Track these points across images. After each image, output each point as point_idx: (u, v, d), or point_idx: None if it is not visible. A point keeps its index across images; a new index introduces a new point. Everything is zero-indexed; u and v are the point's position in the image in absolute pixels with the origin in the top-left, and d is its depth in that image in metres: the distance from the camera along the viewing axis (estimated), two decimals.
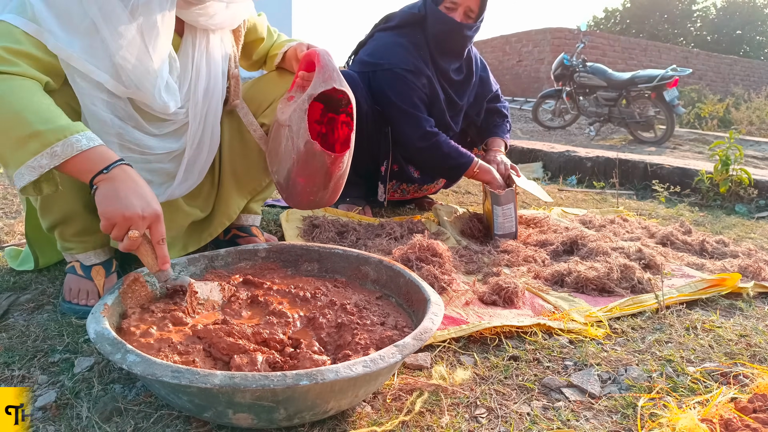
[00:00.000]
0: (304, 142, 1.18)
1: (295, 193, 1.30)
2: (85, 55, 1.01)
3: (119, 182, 0.90)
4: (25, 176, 0.89)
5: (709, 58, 14.33)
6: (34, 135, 0.87)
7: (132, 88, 1.06)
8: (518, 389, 0.94)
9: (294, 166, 1.23)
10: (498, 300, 1.28)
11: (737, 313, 1.33)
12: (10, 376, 0.91)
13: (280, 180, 1.30)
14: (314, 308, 1.03)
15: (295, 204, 1.35)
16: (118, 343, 0.75)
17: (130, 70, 1.04)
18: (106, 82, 1.04)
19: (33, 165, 0.88)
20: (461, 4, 1.80)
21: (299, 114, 1.19)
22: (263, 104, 1.40)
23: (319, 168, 1.22)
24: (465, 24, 1.83)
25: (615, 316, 1.25)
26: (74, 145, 0.89)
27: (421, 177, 2.11)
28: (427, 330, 0.85)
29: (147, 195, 0.92)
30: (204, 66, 1.23)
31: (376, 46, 1.93)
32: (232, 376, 0.68)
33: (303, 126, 1.18)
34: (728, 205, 2.76)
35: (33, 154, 0.88)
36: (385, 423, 0.81)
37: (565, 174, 3.62)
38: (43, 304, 1.19)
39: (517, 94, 11.47)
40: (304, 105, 1.18)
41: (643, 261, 1.55)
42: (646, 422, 0.85)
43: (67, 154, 0.88)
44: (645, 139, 6.34)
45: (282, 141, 1.24)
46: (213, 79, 1.26)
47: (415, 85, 1.83)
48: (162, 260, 0.94)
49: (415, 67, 1.84)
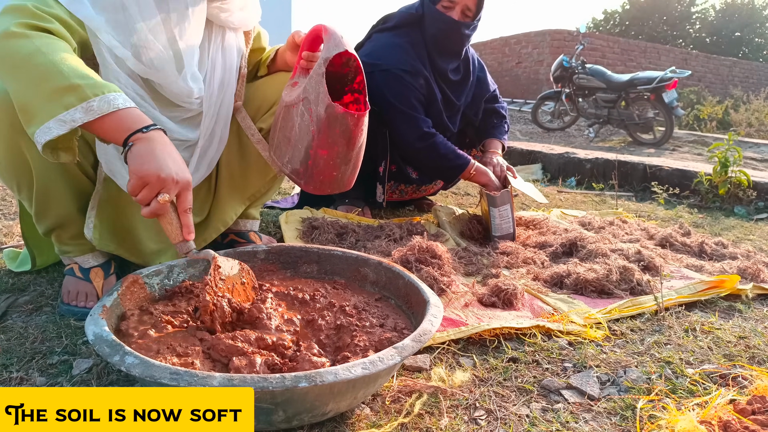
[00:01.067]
0: (325, 106, 1.14)
1: (316, 172, 1.25)
2: (110, 29, 1.02)
3: (157, 143, 0.88)
4: (53, 130, 0.85)
5: (708, 59, 14.35)
6: (72, 88, 0.86)
7: (152, 69, 1.07)
8: (517, 391, 0.94)
9: (314, 140, 1.19)
10: (497, 302, 1.28)
11: (736, 314, 1.33)
12: (9, 377, 0.91)
13: (296, 166, 1.25)
14: (313, 310, 1.02)
15: (316, 186, 1.30)
16: (117, 344, 0.75)
17: (155, 52, 1.06)
18: (127, 59, 1.04)
19: (65, 119, 0.85)
20: (459, 3, 1.80)
21: (316, 79, 1.15)
22: (262, 108, 1.39)
23: (341, 134, 1.19)
24: (462, 22, 1.83)
25: (614, 317, 1.25)
26: (112, 102, 0.88)
27: (419, 178, 2.11)
28: (426, 332, 0.85)
29: (181, 161, 0.91)
30: (219, 59, 1.25)
31: (374, 47, 1.94)
32: (230, 378, 0.68)
33: (322, 90, 1.14)
34: (727, 206, 2.76)
35: (67, 107, 0.85)
36: (384, 425, 0.81)
37: (564, 176, 3.62)
38: (42, 306, 1.19)
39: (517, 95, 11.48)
40: (320, 69, 1.14)
41: (642, 263, 1.55)
42: (645, 424, 0.85)
43: (104, 110, 0.87)
44: (644, 141, 6.34)
45: (295, 121, 1.21)
46: (228, 72, 1.27)
47: (412, 85, 1.84)
48: (187, 230, 0.92)
49: (413, 67, 1.84)
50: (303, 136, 1.20)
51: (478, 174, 1.85)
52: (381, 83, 1.83)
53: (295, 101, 1.20)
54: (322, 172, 1.24)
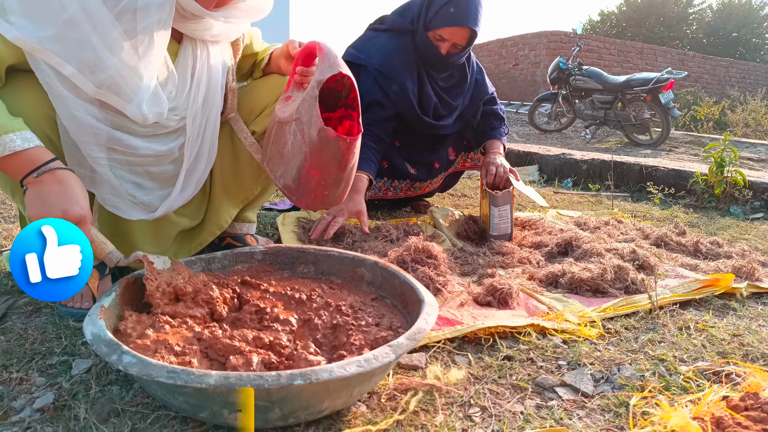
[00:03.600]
0: (318, 129, 1.16)
1: (308, 191, 1.26)
2: (56, 46, 0.97)
3: (45, 185, 0.90)
4: None
5: (705, 60, 14.40)
6: None
7: (104, 89, 1.02)
8: (512, 388, 0.95)
9: (306, 160, 1.20)
10: (493, 301, 1.29)
11: (730, 313, 1.34)
12: (9, 378, 0.91)
13: (288, 182, 1.26)
14: (310, 310, 1.03)
15: (308, 204, 1.32)
16: (115, 344, 0.76)
17: (111, 73, 1.01)
18: (73, 77, 0.99)
19: None
20: (449, 40, 1.82)
21: (309, 102, 1.16)
22: (254, 111, 1.38)
23: (333, 157, 1.20)
24: (450, 55, 1.86)
25: (608, 316, 1.26)
26: (7, 144, 0.89)
27: (416, 173, 2.11)
28: (421, 330, 0.86)
29: (73, 197, 0.91)
30: (204, 77, 1.22)
31: (363, 42, 1.97)
32: (227, 376, 0.69)
33: (315, 113, 1.15)
34: (723, 206, 2.78)
35: None
36: (379, 422, 0.82)
37: (560, 177, 3.63)
38: (41, 308, 1.20)
39: (514, 97, 11.51)
40: (313, 92, 1.15)
41: (637, 262, 1.56)
42: (638, 420, 0.86)
43: (1, 153, 0.88)
44: (641, 142, 6.37)
45: (288, 138, 1.21)
46: (212, 90, 1.24)
47: (380, 87, 1.84)
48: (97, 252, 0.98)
49: (391, 72, 1.85)
50: (296, 154, 1.21)
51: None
52: (357, 77, 1.84)
53: (288, 119, 1.20)
54: (314, 191, 1.26)
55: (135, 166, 1.16)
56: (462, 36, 1.81)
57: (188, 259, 1.14)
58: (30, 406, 0.84)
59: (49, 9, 0.96)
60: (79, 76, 1.00)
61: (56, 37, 0.96)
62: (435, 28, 1.80)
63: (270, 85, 1.39)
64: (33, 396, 0.87)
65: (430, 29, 1.82)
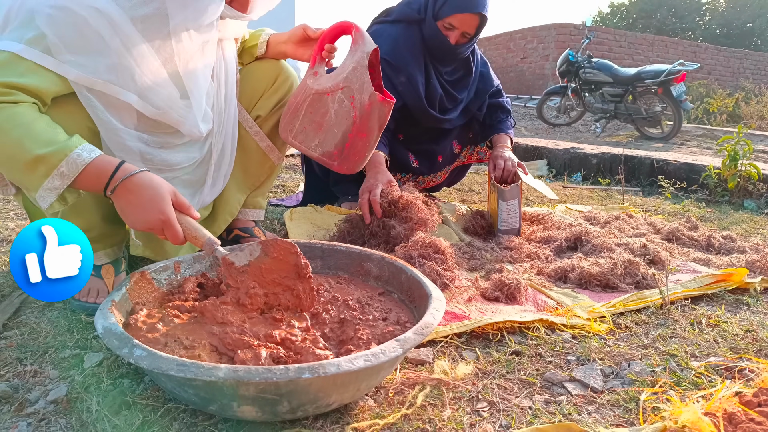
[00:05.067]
0: (369, 94, 1.30)
1: (353, 154, 1.38)
2: (112, 77, 1.01)
3: (131, 195, 0.93)
4: (46, 198, 0.93)
5: (718, 52, 14.20)
6: (38, 160, 0.90)
7: (162, 110, 1.08)
8: (520, 383, 0.95)
9: (355, 124, 1.33)
10: (500, 296, 1.29)
11: (743, 308, 1.32)
12: (23, 371, 0.93)
13: (329, 149, 1.37)
14: (317, 304, 1.04)
15: (350, 167, 1.41)
16: (125, 338, 0.77)
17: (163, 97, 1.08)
18: (134, 103, 1.05)
19: (49, 187, 0.92)
20: (458, 29, 1.80)
21: (360, 70, 1.29)
22: (254, 98, 1.43)
23: (378, 119, 1.34)
24: (459, 45, 1.84)
25: (618, 311, 1.25)
26: (77, 161, 0.91)
27: (419, 166, 2.11)
28: (428, 325, 0.86)
29: (154, 200, 0.93)
30: (223, 75, 1.27)
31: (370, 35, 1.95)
32: (235, 370, 0.69)
33: (366, 80, 1.29)
34: (736, 200, 2.74)
35: (44, 177, 0.91)
36: (387, 416, 0.82)
37: (570, 171, 3.61)
38: (54, 302, 1.21)
39: (522, 91, 11.43)
40: (363, 62, 1.29)
41: (647, 257, 1.55)
42: (648, 416, 0.85)
43: (73, 172, 0.91)
44: (652, 136, 6.30)
45: (330, 107, 1.32)
46: (230, 86, 1.30)
47: (387, 77, 1.83)
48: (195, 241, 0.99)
49: (398, 62, 1.84)
50: (341, 121, 1.33)
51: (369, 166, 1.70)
52: None
53: (331, 89, 1.31)
54: (358, 154, 1.39)
55: (176, 178, 1.22)
56: (472, 23, 1.79)
57: (197, 254, 1.15)
58: (44, 399, 0.86)
59: (92, 43, 0.99)
60: (139, 102, 1.06)
61: (111, 67, 1.01)
62: (444, 16, 1.79)
63: (266, 70, 1.44)
64: (47, 388, 0.88)
65: (439, 18, 1.81)
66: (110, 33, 0.99)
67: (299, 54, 1.41)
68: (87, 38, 0.98)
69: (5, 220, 1.79)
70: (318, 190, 2.13)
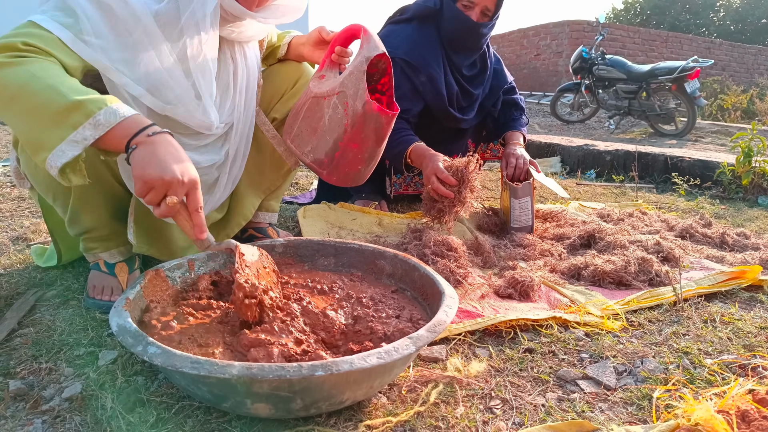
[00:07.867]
0: (363, 102, 1.19)
1: (343, 164, 1.28)
2: (125, 68, 1.01)
3: (159, 145, 0.86)
4: (67, 153, 0.84)
5: (732, 48, 14.00)
6: (75, 106, 0.84)
7: (172, 104, 1.08)
8: (533, 381, 0.95)
9: (346, 133, 1.23)
10: (514, 293, 1.28)
11: (758, 305, 1.31)
12: (38, 368, 0.94)
13: (320, 156, 1.29)
14: (331, 301, 1.04)
15: (338, 178, 1.33)
16: (140, 335, 0.77)
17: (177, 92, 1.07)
18: (142, 97, 1.04)
19: (76, 138, 0.84)
20: (479, 4, 1.78)
21: (357, 75, 1.19)
22: (274, 99, 1.42)
23: (373, 130, 1.24)
24: (481, 23, 1.82)
25: (632, 309, 1.24)
26: (117, 112, 0.86)
27: None
28: (441, 322, 0.86)
29: (186, 161, 0.89)
30: (244, 80, 1.26)
31: (386, 36, 1.94)
32: (249, 367, 0.70)
33: (362, 87, 1.19)
34: (751, 197, 2.70)
35: (75, 126, 0.84)
36: (400, 413, 0.82)
37: (583, 168, 3.58)
38: (68, 300, 1.23)
39: (535, 88, 11.35)
40: (362, 66, 1.18)
41: (661, 254, 1.53)
42: (661, 413, 0.85)
43: (111, 122, 0.85)
44: (666, 132, 6.23)
45: (325, 112, 1.24)
46: (250, 92, 1.29)
47: (408, 78, 1.83)
48: (199, 229, 0.91)
49: (418, 61, 1.83)
50: (334, 127, 1.24)
51: (416, 157, 1.74)
52: None
53: (327, 93, 1.23)
54: (349, 164, 1.29)
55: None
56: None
57: (211, 253, 1.16)
58: (59, 396, 0.87)
59: (118, 32, 1.00)
60: (147, 96, 1.05)
61: (125, 60, 1.01)
62: None
63: (287, 72, 1.43)
64: (62, 386, 0.90)
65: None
66: (133, 24, 1.01)
67: (315, 56, 1.40)
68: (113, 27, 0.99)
69: (20, 218, 1.82)
70: (331, 188, 2.13)
